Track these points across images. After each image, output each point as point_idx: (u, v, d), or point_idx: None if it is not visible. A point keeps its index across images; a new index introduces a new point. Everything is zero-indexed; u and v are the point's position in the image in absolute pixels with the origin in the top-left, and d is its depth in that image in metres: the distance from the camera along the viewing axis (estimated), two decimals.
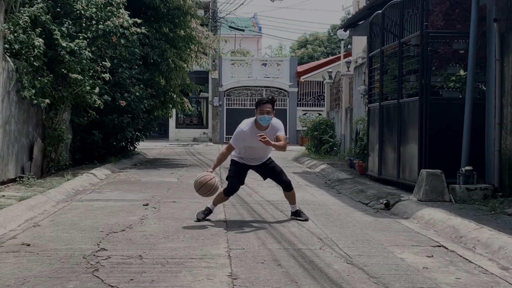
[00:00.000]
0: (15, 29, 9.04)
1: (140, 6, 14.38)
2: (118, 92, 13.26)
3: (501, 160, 7.93)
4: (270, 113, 6.21)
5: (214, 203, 6.56)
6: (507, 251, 4.77)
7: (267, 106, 6.19)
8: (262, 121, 6.20)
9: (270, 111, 6.20)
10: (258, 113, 6.21)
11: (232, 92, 29.39)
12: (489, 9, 8.37)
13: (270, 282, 4.04)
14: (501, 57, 7.94)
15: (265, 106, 6.18)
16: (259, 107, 6.21)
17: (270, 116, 6.21)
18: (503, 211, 6.78)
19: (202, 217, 6.43)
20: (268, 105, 6.19)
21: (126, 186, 9.68)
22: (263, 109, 6.18)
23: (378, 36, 10.46)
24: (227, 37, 28.23)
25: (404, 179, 9.09)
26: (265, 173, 6.67)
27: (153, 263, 4.52)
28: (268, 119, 6.19)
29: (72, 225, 6.08)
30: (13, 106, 9.07)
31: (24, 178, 9.00)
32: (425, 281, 4.15)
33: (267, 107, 6.18)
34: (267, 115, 6.18)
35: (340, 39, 20.92)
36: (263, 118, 6.19)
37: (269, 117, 6.19)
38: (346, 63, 18.18)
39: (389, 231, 6.09)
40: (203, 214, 6.47)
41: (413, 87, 9.04)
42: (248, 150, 6.39)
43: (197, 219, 6.40)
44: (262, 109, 6.18)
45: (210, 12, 28.00)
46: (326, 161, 15.20)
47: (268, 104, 6.20)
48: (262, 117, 6.18)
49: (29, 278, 4.05)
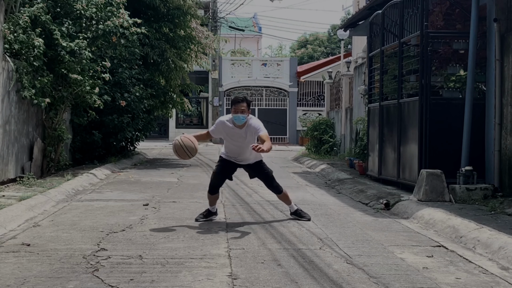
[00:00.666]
0: (15, 29, 9.04)
1: (140, 6, 14.39)
2: (118, 92, 13.26)
3: (501, 160, 7.93)
4: (245, 112, 6.16)
5: (210, 204, 6.59)
6: (507, 251, 4.77)
7: (242, 105, 6.15)
8: (236, 120, 6.18)
9: (244, 110, 6.16)
10: (233, 112, 6.19)
11: (232, 92, 29.38)
12: (489, 9, 8.37)
13: (270, 282, 4.04)
14: (501, 57, 7.94)
15: (240, 105, 6.15)
16: (234, 106, 6.18)
17: (244, 115, 6.17)
18: (503, 211, 6.78)
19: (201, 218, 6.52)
20: (242, 104, 6.15)
21: (126, 186, 9.68)
22: (238, 108, 6.15)
23: (378, 36, 10.46)
24: (227, 37, 28.24)
25: (404, 179, 9.09)
26: (255, 174, 6.67)
27: (153, 263, 4.52)
28: (243, 118, 6.15)
29: (72, 225, 6.08)
30: (13, 106, 9.07)
31: (24, 178, 9.00)
32: (425, 281, 4.15)
33: (241, 106, 6.14)
34: (241, 114, 6.14)
35: (340, 39, 20.93)
36: (237, 117, 6.17)
37: (243, 117, 6.16)
38: (346, 63, 18.19)
39: (389, 231, 6.09)
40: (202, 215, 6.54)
41: (413, 87, 9.05)
42: (232, 148, 6.40)
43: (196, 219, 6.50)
44: (237, 108, 6.15)
45: (210, 12, 27.99)
46: (326, 161, 15.21)
47: (243, 103, 6.16)
48: (236, 116, 6.17)
49: (29, 278, 4.05)
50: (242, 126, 6.22)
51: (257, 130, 6.23)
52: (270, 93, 29.50)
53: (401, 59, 9.22)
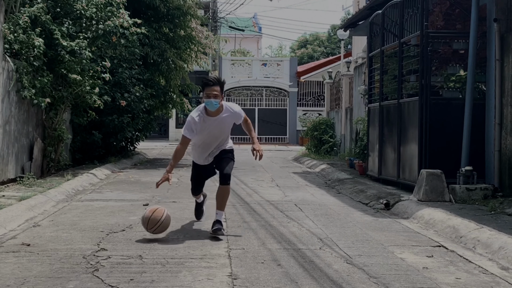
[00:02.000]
0: (15, 29, 9.04)
1: (140, 6, 14.39)
2: (118, 92, 13.27)
3: (501, 160, 7.93)
4: (218, 96, 5.43)
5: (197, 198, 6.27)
6: (507, 251, 4.77)
7: (214, 89, 5.40)
8: (209, 105, 5.44)
9: (217, 94, 5.42)
10: (205, 97, 5.45)
11: (232, 92, 29.40)
12: (489, 9, 8.37)
13: (270, 282, 4.04)
14: (501, 57, 7.94)
15: (212, 88, 5.39)
16: (205, 90, 5.43)
17: (217, 100, 5.43)
18: (503, 211, 6.77)
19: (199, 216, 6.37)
20: (215, 88, 5.40)
21: (126, 186, 9.68)
22: (210, 92, 5.40)
23: (378, 36, 10.46)
24: (227, 37, 28.26)
25: (404, 179, 9.09)
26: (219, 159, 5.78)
27: (153, 263, 4.52)
28: (216, 103, 5.43)
29: (72, 225, 6.08)
30: (13, 106, 9.07)
31: (24, 178, 9.00)
32: (425, 281, 4.15)
33: (214, 90, 5.40)
34: (214, 99, 5.40)
35: (340, 39, 20.93)
36: (209, 103, 5.42)
37: (216, 102, 5.42)
38: (346, 63, 18.19)
39: (389, 231, 6.09)
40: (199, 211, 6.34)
41: (413, 87, 9.05)
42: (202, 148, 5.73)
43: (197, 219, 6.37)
44: (209, 93, 5.40)
45: (210, 12, 28.01)
46: (326, 161, 15.21)
47: (216, 86, 5.41)
48: (208, 101, 5.42)
49: (29, 278, 4.05)
50: (216, 113, 5.52)
51: (238, 115, 5.66)
52: (270, 93, 29.51)
53: (401, 59, 9.22)
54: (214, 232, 5.47)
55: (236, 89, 29.36)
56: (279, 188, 9.94)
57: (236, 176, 11.68)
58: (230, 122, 5.68)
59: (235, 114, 5.67)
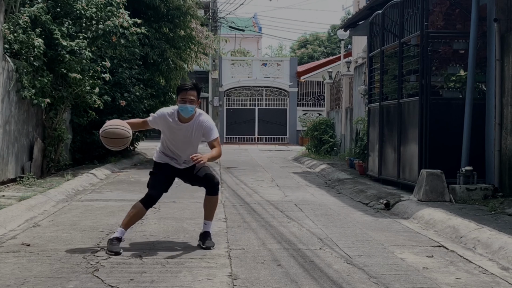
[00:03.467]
0: (15, 29, 9.04)
1: (140, 6, 14.38)
2: (118, 92, 13.26)
3: (501, 160, 7.92)
4: (194, 102, 5.11)
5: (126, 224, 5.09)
6: (507, 251, 4.77)
7: (191, 94, 5.09)
8: (183, 111, 5.10)
9: (193, 100, 5.10)
10: (179, 101, 5.11)
11: (232, 92, 29.39)
12: (489, 9, 8.37)
13: (270, 282, 4.04)
14: (501, 57, 7.94)
15: (188, 93, 5.08)
16: (181, 94, 5.10)
17: (193, 106, 5.11)
18: (503, 211, 6.77)
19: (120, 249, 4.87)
20: (191, 93, 5.09)
21: (126, 186, 9.67)
22: (186, 97, 5.07)
23: (378, 36, 10.46)
24: (227, 37, 28.23)
25: (404, 179, 9.09)
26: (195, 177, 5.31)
27: (153, 263, 4.52)
28: (191, 109, 5.10)
29: (72, 225, 6.08)
30: (13, 106, 9.06)
31: (24, 178, 9.00)
32: (425, 281, 4.14)
33: (190, 95, 5.08)
34: (190, 104, 5.08)
35: (340, 39, 20.93)
36: (184, 108, 5.08)
37: (192, 108, 5.10)
38: (346, 63, 18.18)
39: (389, 231, 6.09)
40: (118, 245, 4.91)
41: (413, 87, 9.05)
42: (171, 147, 5.33)
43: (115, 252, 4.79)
44: (184, 97, 5.08)
45: (210, 12, 27.98)
46: (326, 161, 15.21)
47: (192, 91, 5.10)
48: (183, 106, 5.08)
49: (29, 278, 4.04)
50: (189, 120, 5.17)
51: (210, 132, 5.24)
52: (270, 93, 29.50)
53: (401, 59, 9.22)
54: (207, 248, 5.07)
55: (236, 89, 29.36)
56: (279, 188, 9.94)
57: (236, 176, 11.68)
58: (199, 135, 5.24)
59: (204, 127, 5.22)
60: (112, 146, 5.19)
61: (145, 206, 5.13)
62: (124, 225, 5.06)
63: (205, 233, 5.24)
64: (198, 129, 5.20)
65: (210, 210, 5.28)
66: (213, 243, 5.19)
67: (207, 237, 5.19)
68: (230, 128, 28.91)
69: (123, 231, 5.03)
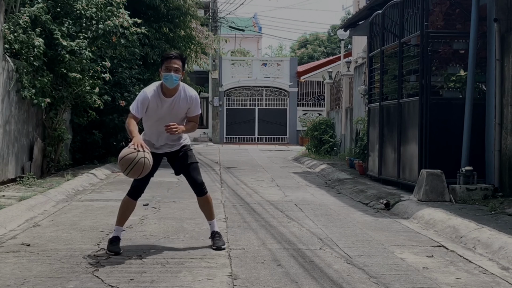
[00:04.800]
0: (15, 29, 9.04)
1: (140, 6, 14.39)
2: (118, 92, 13.25)
3: (501, 160, 7.92)
4: (178, 71, 4.84)
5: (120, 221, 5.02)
6: (507, 251, 4.77)
7: (175, 62, 4.83)
8: (168, 80, 4.81)
9: (178, 68, 4.84)
10: (163, 70, 4.84)
11: (232, 92, 29.39)
12: (489, 9, 8.37)
13: (270, 282, 4.04)
14: (501, 57, 7.94)
15: (173, 61, 4.82)
16: (165, 63, 4.84)
17: (178, 75, 4.84)
18: (503, 211, 6.77)
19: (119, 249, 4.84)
20: (176, 61, 4.84)
21: (126, 186, 9.59)
22: (170, 65, 4.81)
23: (378, 36, 10.46)
24: (227, 37, 28.22)
25: (404, 179, 9.09)
26: (177, 164, 5.13)
27: (153, 263, 4.52)
28: (175, 78, 4.81)
29: (72, 225, 6.08)
30: (13, 106, 9.07)
31: (24, 178, 9.00)
32: (425, 281, 4.14)
33: (175, 63, 4.82)
34: (175, 73, 4.81)
35: (340, 39, 20.93)
36: (168, 77, 4.80)
37: (176, 77, 4.82)
38: (346, 63, 18.18)
39: (389, 231, 6.09)
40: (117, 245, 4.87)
41: (413, 87, 9.04)
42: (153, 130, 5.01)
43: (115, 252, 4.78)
44: (169, 65, 4.81)
45: (210, 12, 27.99)
46: (326, 161, 15.21)
47: (177, 60, 4.85)
48: (167, 75, 4.80)
49: (29, 278, 4.04)
50: (173, 92, 4.89)
51: (197, 107, 5.01)
52: (270, 93, 29.49)
53: (401, 59, 9.22)
54: (218, 248, 5.01)
55: (236, 89, 29.35)
56: (279, 188, 9.93)
57: (236, 176, 11.68)
58: (184, 108, 4.96)
59: (191, 100, 4.96)
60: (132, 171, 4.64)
61: (131, 197, 5.01)
62: (118, 222, 5.01)
63: (212, 233, 5.21)
64: (184, 102, 4.93)
65: (207, 209, 5.22)
66: (223, 241, 5.15)
67: (214, 237, 5.16)
68: (230, 128, 28.91)
69: (119, 228, 4.99)
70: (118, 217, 5.05)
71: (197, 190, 5.13)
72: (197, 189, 5.12)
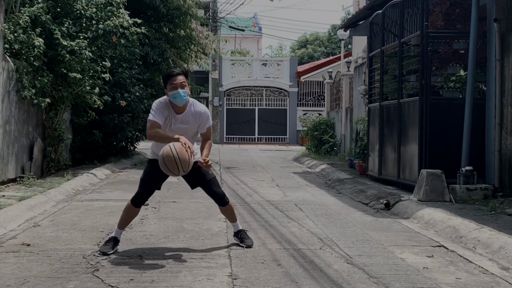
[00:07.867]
0: (15, 29, 9.04)
1: (140, 6, 14.39)
2: (118, 92, 13.25)
3: (501, 160, 7.92)
4: (185, 86, 4.67)
5: (121, 225, 4.99)
6: (507, 251, 4.77)
7: (179, 78, 4.67)
8: (176, 98, 4.64)
9: (185, 83, 4.68)
10: (170, 90, 4.65)
11: (232, 92, 29.40)
12: (489, 9, 8.37)
13: (270, 282, 4.04)
14: (501, 57, 7.94)
15: (177, 78, 4.66)
16: (169, 82, 4.66)
17: (185, 90, 4.67)
18: (503, 211, 6.77)
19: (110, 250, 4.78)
20: (179, 78, 4.67)
21: (126, 186, 9.67)
22: (175, 82, 4.64)
23: (378, 36, 10.46)
24: (227, 37, 28.21)
25: (404, 179, 9.09)
26: (192, 178, 5.05)
27: (153, 263, 4.52)
28: (183, 94, 4.65)
29: (72, 225, 6.08)
30: (13, 106, 9.07)
31: (24, 178, 9.00)
32: (425, 281, 4.14)
33: (179, 80, 4.66)
34: (181, 89, 4.63)
35: (340, 39, 20.91)
36: (176, 94, 4.63)
37: (184, 92, 4.66)
38: (346, 63, 18.18)
39: (389, 231, 6.09)
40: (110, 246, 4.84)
41: (413, 87, 9.04)
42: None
43: (103, 253, 4.74)
44: (174, 83, 4.64)
45: (210, 12, 27.99)
46: (326, 161, 15.21)
47: (180, 76, 4.69)
48: (174, 93, 4.63)
49: (29, 278, 4.04)
50: (182, 109, 4.76)
51: (207, 121, 4.88)
52: (270, 93, 29.49)
53: (401, 59, 9.22)
54: (248, 247, 5.08)
55: (236, 89, 29.36)
56: (279, 188, 9.93)
57: (236, 176, 11.68)
58: (195, 124, 4.85)
59: (201, 116, 4.85)
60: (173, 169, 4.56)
61: (134, 205, 4.93)
62: (119, 225, 5.01)
63: (238, 232, 5.26)
64: (193, 118, 4.82)
65: (229, 215, 5.31)
66: (252, 240, 5.22)
67: (241, 237, 5.22)
68: (230, 128, 28.91)
69: (119, 231, 4.98)
70: (119, 220, 5.03)
71: (220, 202, 5.16)
72: (219, 201, 5.15)
